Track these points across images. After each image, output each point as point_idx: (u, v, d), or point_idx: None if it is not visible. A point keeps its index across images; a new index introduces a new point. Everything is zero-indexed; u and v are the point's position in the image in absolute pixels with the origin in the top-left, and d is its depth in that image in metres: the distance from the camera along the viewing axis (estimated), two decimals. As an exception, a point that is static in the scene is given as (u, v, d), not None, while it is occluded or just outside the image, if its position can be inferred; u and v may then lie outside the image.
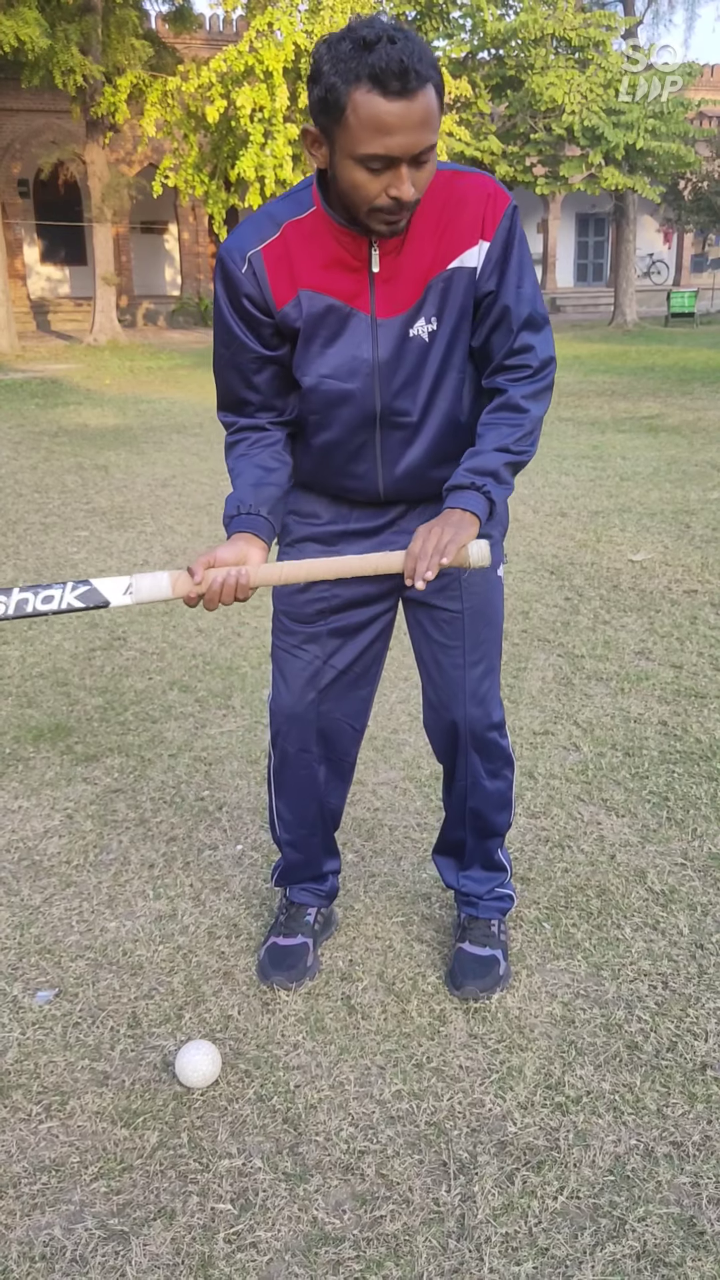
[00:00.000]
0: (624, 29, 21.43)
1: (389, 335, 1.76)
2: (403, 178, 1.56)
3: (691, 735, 3.20)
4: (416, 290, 1.74)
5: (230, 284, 1.76)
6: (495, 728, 2.09)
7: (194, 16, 20.66)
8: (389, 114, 1.49)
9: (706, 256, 32.81)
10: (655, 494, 6.53)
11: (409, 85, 1.47)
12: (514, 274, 1.76)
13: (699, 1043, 1.96)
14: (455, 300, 1.76)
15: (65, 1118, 1.83)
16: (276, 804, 2.21)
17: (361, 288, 1.74)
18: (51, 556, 5.38)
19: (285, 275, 1.74)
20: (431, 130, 1.54)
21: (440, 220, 1.72)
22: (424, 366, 1.80)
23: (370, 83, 1.48)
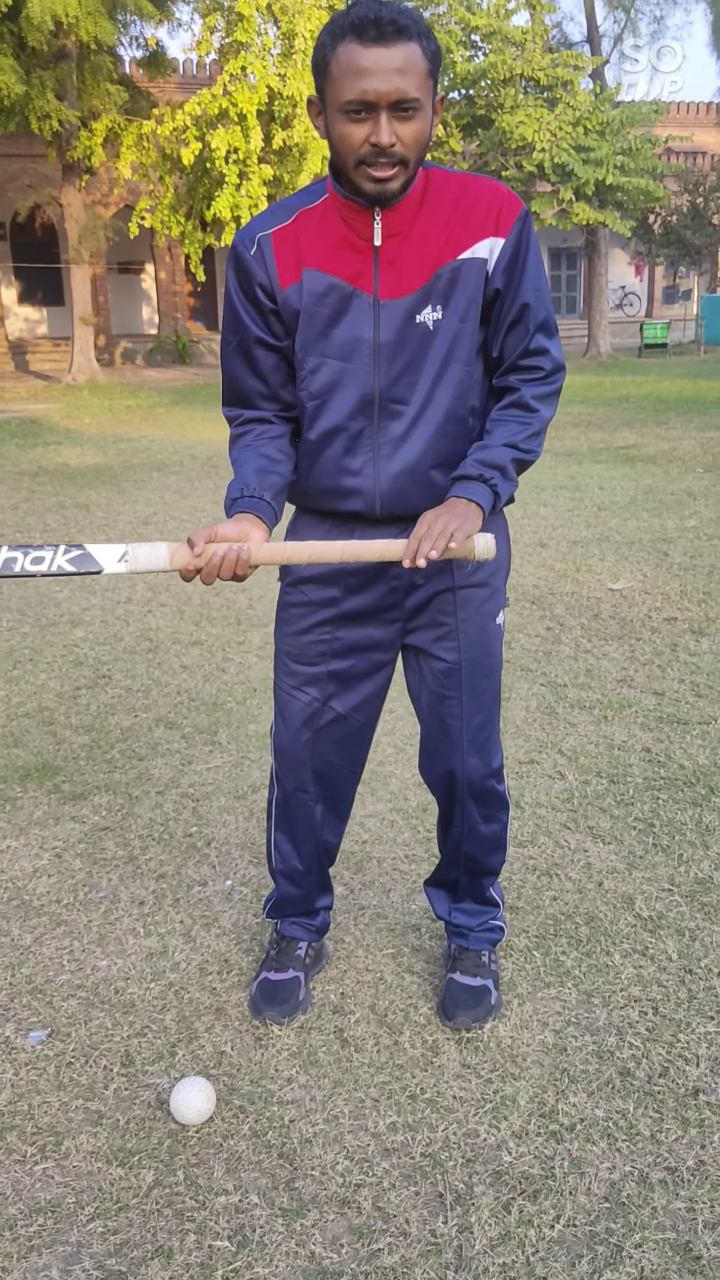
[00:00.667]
0: (590, 69, 21.85)
1: (391, 317, 1.77)
2: (381, 124, 1.62)
3: (675, 761, 3.23)
4: (423, 276, 1.76)
5: (240, 267, 1.81)
6: (493, 775, 2.10)
7: (168, 61, 20.93)
8: (365, 58, 1.59)
9: (678, 289, 33.29)
10: (633, 523, 6.60)
11: (385, 32, 1.58)
12: (532, 275, 1.79)
13: (690, 1067, 1.97)
14: (464, 291, 1.77)
15: (60, 1158, 1.82)
16: (275, 836, 2.22)
17: (366, 268, 1.76)
18: (35, 596, 5.39)
19: (292, 257, 1.78)
20: (411, 81, 1.60)
21: (452, 214, 1.76)
22: (426, 355, 1.79)
23: (350, 33, 1.59)
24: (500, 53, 20.16)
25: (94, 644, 4.57)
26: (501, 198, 1.78)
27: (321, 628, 2.00)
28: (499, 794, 2.13)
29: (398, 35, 1.58)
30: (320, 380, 1.83)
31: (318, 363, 1.82)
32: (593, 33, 24.61)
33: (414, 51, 1.60)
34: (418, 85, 1.62)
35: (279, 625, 2.07)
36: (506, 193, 1.79)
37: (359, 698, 2.07)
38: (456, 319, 1.78)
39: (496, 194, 1.78)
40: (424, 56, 1.62)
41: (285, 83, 17.69)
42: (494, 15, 20.48)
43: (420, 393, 1.81)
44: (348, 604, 1.98)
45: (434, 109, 1.70)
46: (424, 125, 1.67)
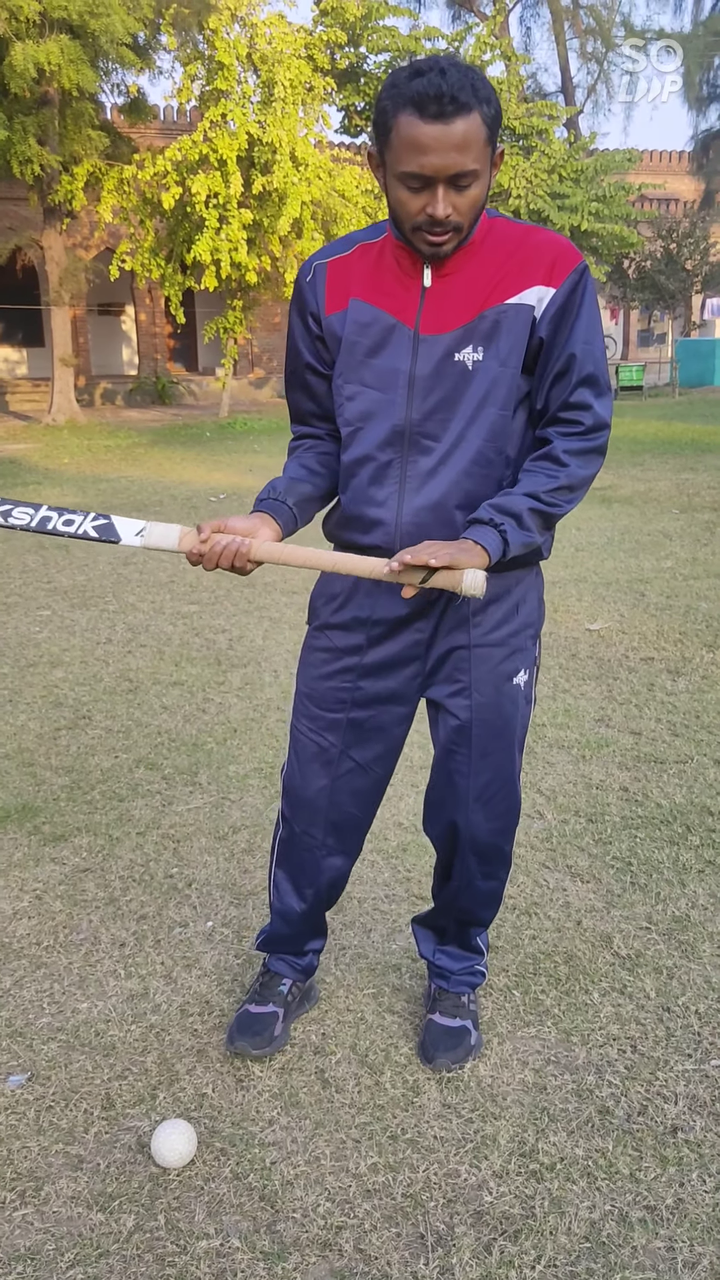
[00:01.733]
0: (565, 118, 22.30)
1: (430, 352, 1.80)
2: (438, 197, 1.66)
3: (652, 800, 3.26)
4: (467, 315, 1.78)
5: (297, 293, 1.91)
6: (499, 834, 2.08)
7: (149, 108, 21.20)
8: (425, 135, 1.61)
9: (652, 332, 33.79)
10: (610, 564, 6.67)
11: (445, 110, 1.59)
12: (584, 328, 1.78)
13: (669, 1105, 1.98)
14: (508, 337, 1.77)
15: (40, 1204, 1.81)
16: (276, 873, 2.22)
17: (410, 303, 1.80)
18: (14, 636, 5.39)
19: (342, 286, 1.85)
20: (469, 156, 1.64)
21: (508, 261, 1.78)
22: (463, 394, 1.79)
23: (412, 106, 1.61)
24: (476, 102, 20.56)
25: (74, 685, 4.58)
26: (559, 249, 1.78)
27: (344, 675, 2.00)
28: (503, 853, 2.12)
29: (458, 111, 1.60)
30: (355, 408, 1.86)
31: (354, 390, 1.86)
32: (566, 84, 25.21)
33: (474, 124, 1.62)
34: (476, 157, 1.64)
35: (302, 668, 2.08)
36: (566, 245, 1.80)
37: (378, 750, 2.06)
38: (497, 362, 1.78)
39: (555, 245, 1.79)
40: (484, 125, 1.64)
41: (265, 129, 17.96)
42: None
43: (453, 431, 1.81)
44: (371, 655, 1.98)
45: (494, 165, 1.73)
46: (481, 191, 1.70)
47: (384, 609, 1.94)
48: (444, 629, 1.95)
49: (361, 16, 20.38)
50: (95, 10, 16.47)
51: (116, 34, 16.76)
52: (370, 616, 1.96)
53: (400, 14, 21.65)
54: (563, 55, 25.02)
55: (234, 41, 18.07)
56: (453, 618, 1.93)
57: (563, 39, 24.88)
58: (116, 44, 17.13)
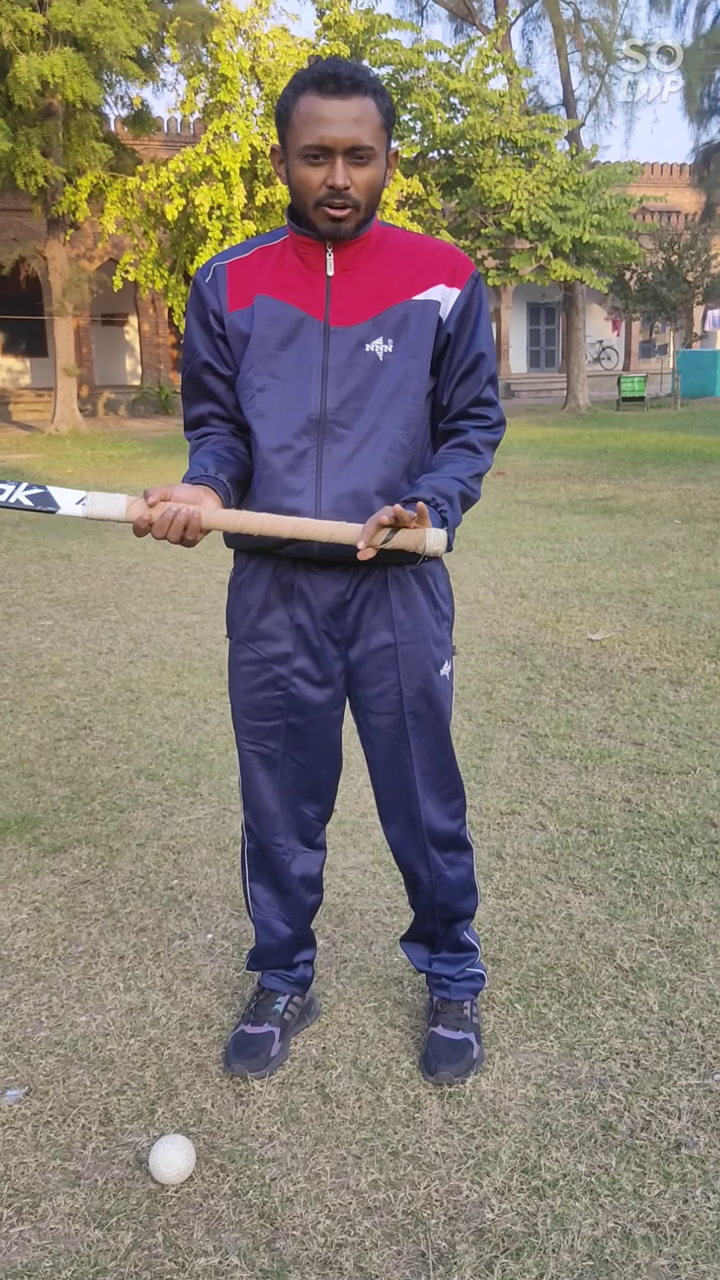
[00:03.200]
0: (567, 131, 22.36)
1: (341, 344, 1.84)
2: (337, 167, 1.75)
3: (655, 811, 3.25)
4: (375, 308, 1.84)
5: (195, 294, 1.92)
6: (453, 819, 2.11)
7: (153, 120, 21.31)
8: (324, 108, 1.72)
9: (654, 343, 33.85)
10: (612, 574, 6.66)
11: (342, 86, 1.72)
12: (485, 332, 1.90)
13: (672, 1121, 1.96)
14: (416, 331, 1.85)
15: (37, 1220, 1.79)
16: (251, 887, 2.22)
17: (317, 297, 1.85)
18: (15, 646, 5.39)
19: (245, 285, 1.88)
20: (365, 130, 1.74)
21: (407, 260, 1.87)
22: (375, 383, 1.84)
23: (311, 86, 1.73)
24: (479, 115, 20.60)
25: (75, 695, 4.57)
26: (457, 256, 1.89)
27: (277, 684, 2.02)
28: (460, 838, 2.14)
29: (354, 89, 1.72)
30: (267, 398, 1.87)
31: (265, 382, 1.87)
32: (568, 97, 25.24)
33: (369, 105, 1.74)
34: (371, 135, 1.75)
35: (232, 683, 2.08)
36: (462, 253, 1.90)
37: (318, 753, 2.09)
38: (408, 354, 1.85)
39: (452, 252, 1.90)
40: (378, 110, 1.76)
41: (268, 141, 18.02)
42: (472, 79, 20.96)
43: (367, 419, 1.84)
44: (299, 661, 1.99)
45: (388, 162, 1.82)
46: (377, 173, 1.79)
47: (303, 614, 1.95)
48: (364, 630, 1.97)
49: (364, 30, 20.44)
50: (100, 23, 16.56)
51: (121, 47, 16.85)
52: (293, 620, 1.97)
53: (403, 28, 21.72)
54: (564, 69, 25.05)
55: (237, 54, 18.15)
56: (376, 618, 1.95)
57: (564, 53, 24.93)
58: (120, 57, 17.23)
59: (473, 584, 6.45)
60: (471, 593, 6.21)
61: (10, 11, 16.38)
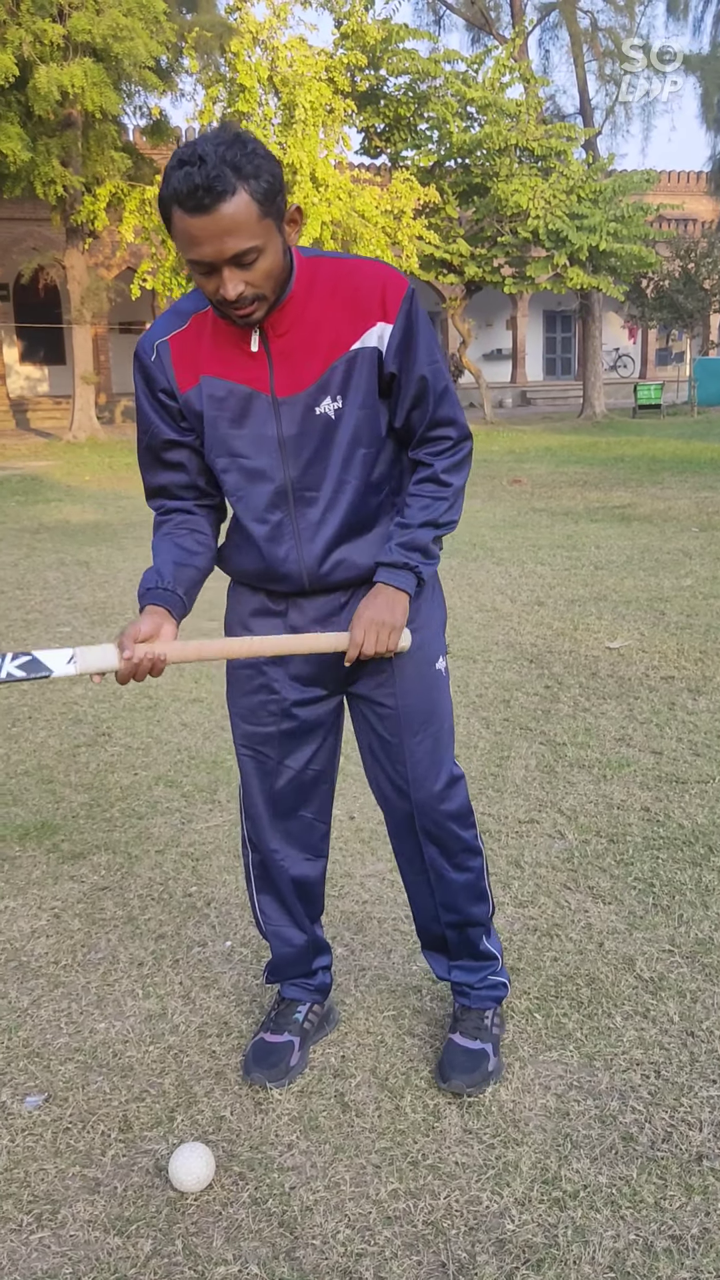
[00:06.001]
0: (583, 139, 22.37)
1: (292, 413, 1.84)
2: (224, 279, 1.68)
3: (674, 820, 3.23)
4: (317, 369, 1.82)
5: (143, 372, 1.89)
6: (450, 818, 2.07)
7: (171, 129, 21.39)
8: (192, 227, 1.63)
9: (670, 351, 33.76)
10: (630, 582, 6.65)
11: (203, 203, 1.60)
12: (424, 351, 1.85)
13: (694, 1132, 1.95)
14: (360, 380, 1.83)
15: (57, 1227, 1.80)
16: (259, 899, 2.21)
17: (260, 370, 1.82)
18: (34, 653, 5.40)
19: (189, 362, 1.85)
20: (242, 235, 1.63)
21: (336, 305, 1.81)
22: (331, 443, 1.86)
23: (175, 202, 1.62)
24: (495, 124, 20.62)
25: (93, 701, 4.58)
26: (385, 280, 1.81)
27: (270, 688, 2.03)
28: (462, 839, 2.10)
29: (218, 200, 1.59)
30: (232, 479, 1.91)
31: (227, 463, 1.89)
32: (585, 105, 25.25)
33: (240, 204, 1.61)
34: (251, 233, 1.64)
35: (229, 688, 2.10)
36: (390, 274, 1.82)
37: (311, 750, 2.10)
38: (356, 407, 1.85)
39: (379, 276, 1.81)
40: (253, 200, 1.62)
41: (285, 151, 18.09)
42: (489, 88, 20.99)
43: (331, 479, 1.87)
44: (294, 664, 2.01)
45: (282, 230, 1.72)
46: (272, 260, 1.70)
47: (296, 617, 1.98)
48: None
49: (381, 39, 20.50)
50: (119, 34, 16.65)
51: (139, 57, 16.93)
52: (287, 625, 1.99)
53: (420, 37, 21.76)
54: (581, 77, 25.06)
55: (255, 64, 18.23)
56: None
57: (581, 61, 24.94)
58: (139, 67, 17.31)
59: (490, 591, 6.45)
60: (489, 600, 6.20)
61: (30, 23, 16.49)
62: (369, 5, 20.67)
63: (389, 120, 22.06)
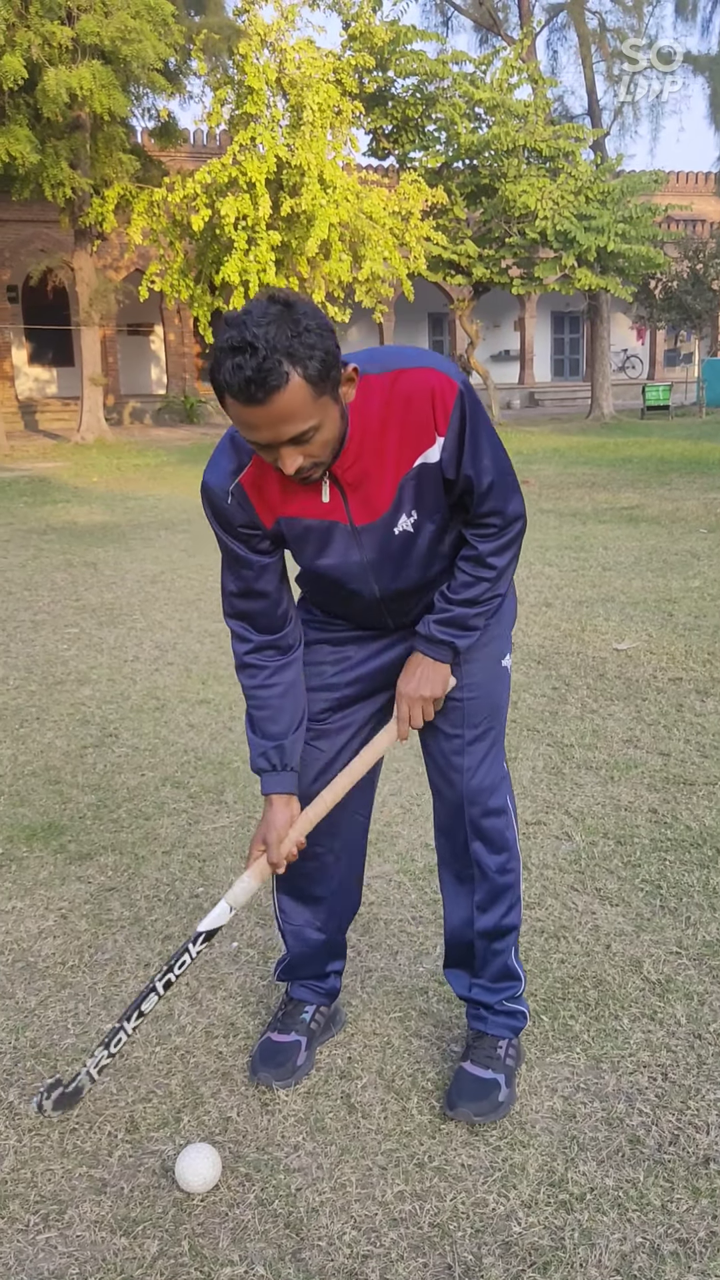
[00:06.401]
0: (591, 140, 22.34)
1: (373, 538, 1.88)
2: (282, 456, 1.67)
3: (681, 823, 3.23)
4: (389, 492, 1.84)
5: (221, 515, 1.88)
6: (495, 814, 2.07)
7: (179, 132, 21.41)
8: (247, 416, 1.61)
9: (679, 352, 33.71)
10: (637, 583, 6.64)
11: (256, 397, 1.57)
12: (470, 451, 1.84)
13: (701, 1135, 1.95)
14: (428, 489, 1.86)
15: (64, 1227, 1.80)
16: (279, 898, 2.21)
17: (335, 504, 1.84)
18: (42, 654, 5.42)
19: (264, 504, 1.85)
20: (297, 420, 1.61)
21: (392, 425, 1.79)
22: (413, 552, 1.92)
23: (227, 389, 1.59)
24: (503, 125, 20.61)
25: (101, 702, 4.59)
26: (433, 390, 1.77)
27: (324, 687, 2.06)
28: (507, 839, 2.09)
29: (271, 392, 1.56)
30: (321, 584, 1.98)
31: (316, 571, 1.94)
32: (593, 106, 25.22)
33: (293, 392, 1.58)
34: (307, 415, 1.62)
35: None
36: (436, 382, 1.77)
37: (363, 740, 2.11)
38: (427, 518, 1.89)
39: (427, 388, 1.77)
40: (306, 384, 1.59)
41: (293, 153, 18.09)
42: (497, 89, 20.97)
43: (415, 577, 1.96)
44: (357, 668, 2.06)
45: (339, 398, 1.69)
46: (330, 431, 1.69)
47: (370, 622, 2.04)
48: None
49: (389, 41, 20.50)
50: (127, 36, 16.68)
51: (148, 59, 16.96)
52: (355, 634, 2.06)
53: (428, 38, 21.77)
54: (589, 78, 25.02)
55: (263, 66, 18.24)
56: None
57: (589, 62, 24.91)
58: (148, 69, 17.33)
59: (497, 593, 6.44)
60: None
61: (39, 25, 16.53)
62: (377, 7, 20.67)
63: (397, 121, 22.06)
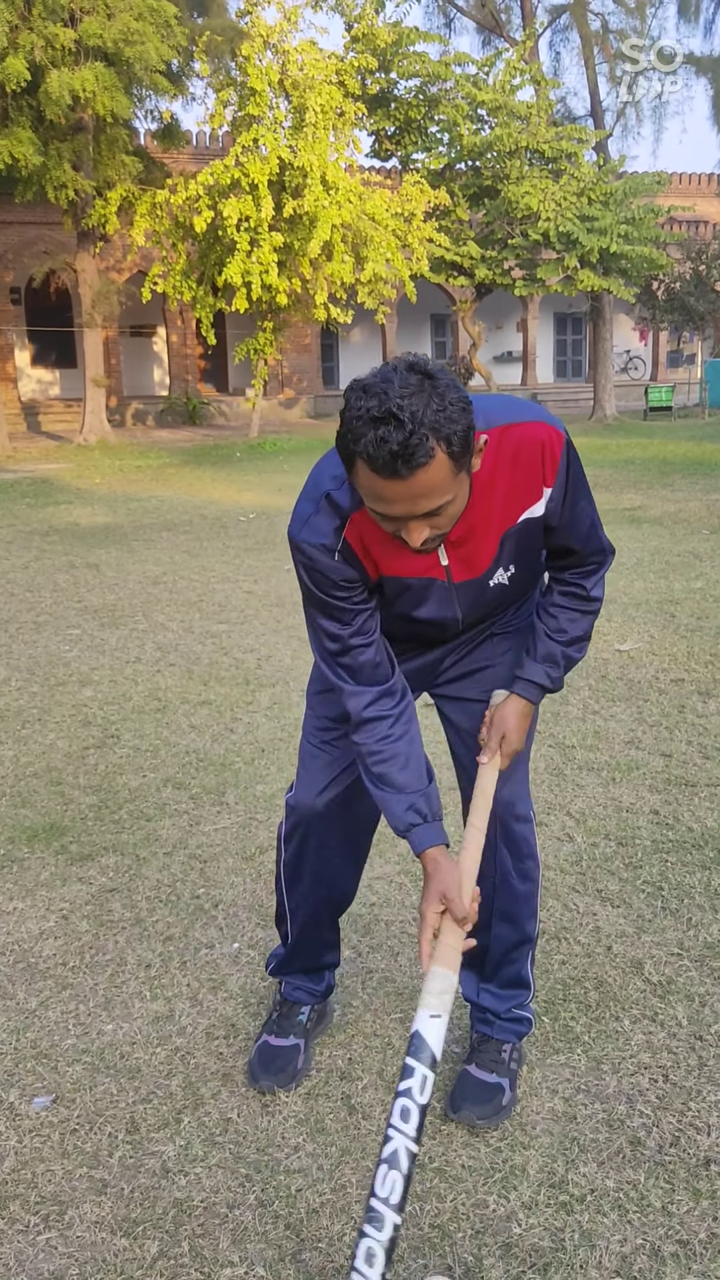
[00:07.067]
0: (594, 141, 22.35)
1: (469, 592, 1.87)
2: (410, 530, 1.59)
3: (683, 824, 3.22)
4: (490, 548, 1.81)
5: (322, 572, 1.77)
6: (522, 820, 2.07)
7: (182, 133, 21.44)
8: (385, 490, 1.52)
9: (682, 353, 33.70)
10: (640, 584, 6.63)
11: (400, 472, 1.49)
12: (571, 499, 1.84)
13: (701, 1137, 1.95)
14: (528, 543, 1.85)
15: (64, 1228, 1.80)
16: (288, 897, 2.19)
17: (435, 561, 1.80)
18: (44, 655, 5.42)
19: (367, 558, 1.78)
20: (434, 498, 1.54)
21: (500, 480, 1.74)
22: (502, 600, 1.94)
23: (366, 462, 1.50)
24: (506, 126, 20.63)
25: (102, 704, 4.59)
26: (543, 444, 1.74)
27: None
28: (529, 845, 2.09)
29: (415, 468, 1.49)
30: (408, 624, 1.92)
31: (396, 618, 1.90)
32: (596, 108, 25.24)
33: (437, 468, 1.50)
34: (445, 491, 1.55)
35: (316, 679, 2.09)
36: (545, 435, 1.74)
37: None
38: (526, 570, 1.90)
39: (537, 441, 1.73)
40: (450, 460, 1.52)
41: (296, 154, 18.11)
42: (500, 91, 21.00)
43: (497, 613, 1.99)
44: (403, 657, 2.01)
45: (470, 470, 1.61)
46: (460, 504, 1.62)
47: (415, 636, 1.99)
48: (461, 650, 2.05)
49: (392, 43, 20.53)
50: (130, 38, 16.70)
51: (151, 61, 16.98)
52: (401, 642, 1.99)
53: (430, 40, 21.79)
54: (592, 80, 25.05)
55: (266, 68, 18.26)
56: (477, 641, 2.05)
57: (592, 63, 24.93)
58: (150, 71, 17.35)
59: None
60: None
61: (42, 27, 16.55)
62: (379, 9, 20.70)
63: (399, 123, 22.09)
